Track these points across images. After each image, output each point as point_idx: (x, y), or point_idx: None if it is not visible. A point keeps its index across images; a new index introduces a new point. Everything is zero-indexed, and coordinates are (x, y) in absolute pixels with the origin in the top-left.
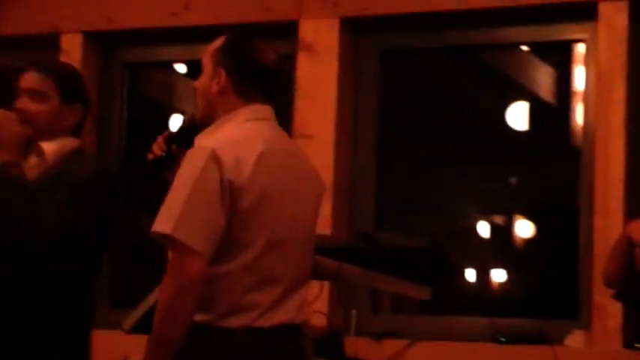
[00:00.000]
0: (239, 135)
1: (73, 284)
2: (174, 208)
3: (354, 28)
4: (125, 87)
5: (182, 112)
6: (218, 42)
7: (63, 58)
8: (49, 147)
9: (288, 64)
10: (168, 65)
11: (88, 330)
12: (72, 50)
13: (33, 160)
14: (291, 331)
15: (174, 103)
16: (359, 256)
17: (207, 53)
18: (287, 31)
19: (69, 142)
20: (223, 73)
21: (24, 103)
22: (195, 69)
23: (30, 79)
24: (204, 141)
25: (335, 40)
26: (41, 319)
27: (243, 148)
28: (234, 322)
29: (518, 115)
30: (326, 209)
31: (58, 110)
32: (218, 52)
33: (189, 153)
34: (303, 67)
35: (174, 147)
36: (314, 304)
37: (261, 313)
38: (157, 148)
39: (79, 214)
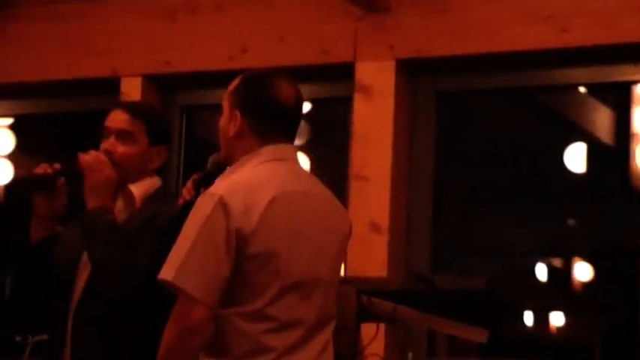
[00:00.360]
0: (252, 179)
1: (154, 327)
2: (178, 256)
3: (410, 70)
4: (183, 129)
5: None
6: (235, 82)
7: None
8: (136, 190)
9: (344, 106)
10: None
11: None
12: (131, 93)
13: (121, 203)
14: None
15: None
16: (415, 298)
17: (226, 94)
18: (344, 73)
19: (154, 183)
20: (238, 114)
21: (112, 144)
22: None
23: (119, 120)
24: (218, 185)
25: (391, 82)
26: None
27: (254, 193)
28: None
29: (576, 157)
30: (382, 251)
31: (146, 152)
32: (233, 93)
33: (199, 199)
34: (360, 109)
35: (202, 190)
36: (370, 346)
37: (277, 356)
38: (187, 192)
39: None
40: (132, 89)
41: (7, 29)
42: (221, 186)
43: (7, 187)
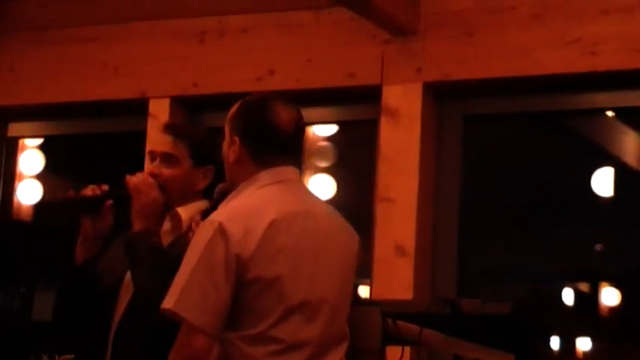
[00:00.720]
0: (252, 203)
1: None
2: (178, 284)
3: (437, 93)
4: None
5: None
6: (232, 109)
7: (151, 123)
8: (183, 212)
9: (371, 129)
10: None
11: None
12: (159, 114)
13: (168, 225)
14: None
15: None
16: (440, 321)
17: (226, 122)
18: (370, 96)
19: (200, 206)
20: (237, 140)
21: (157, 167)
22: None
23: (162, 143)
24: (219, 211)
25: (418, 105)
26: None
27: (253, 217)
28: None
29: (603, 181)
30: (408, 274)
31: (190, 174)
32: (232, 119)
33: (200, 226)
34: (386, 131)
35: None
36: None
37: None
38: (196, 226)
39: None
40: (160, 111)
41: (38, 51)
42: (221, 212)
43: (55, 206)
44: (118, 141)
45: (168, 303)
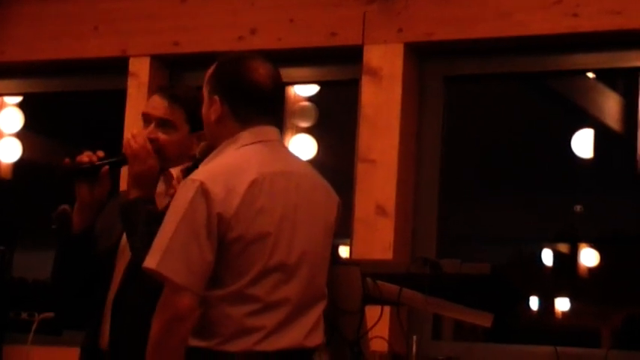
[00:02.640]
0: (233, 163)
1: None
2: (161, 243)
3: (418, 54)
4: None
5: None
6: (211, 69)
7: (131, 82)
8: (175, 172)
9: (352, 89)
10: None
11: None
12: (140, 73)
13: (161, 186)
14: (301, 355)
15: None
16: (420, 281)
17: (204, 83)
18: (352, 56)
19: (189, 165)
20: (217, 99)
21: (153, 132)
22: None
23: (159, 107)
24: (199, 170)
25: (399, 66)
26: None
27: (234, 176)
28: (236, 346)
29: (583, 143)
30: (388, 234)
31: (186, 139)
32: (211, 79)
33: (180, 185)
34: (367, 92)
35: None
36: (374, 329)
37: (264, 336)
38: (177, 183)
39: None
40: (140, 69)
41: (16, 9)
42: (201, 171)
43: (53, 175)
44: (98, 99)
45: (150, 263)
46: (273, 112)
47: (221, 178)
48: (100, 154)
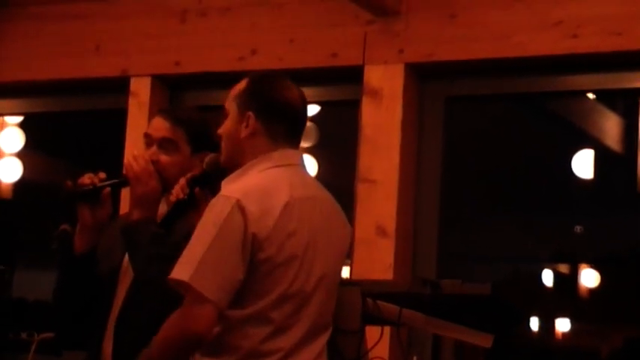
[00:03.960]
0: (266, 183)
1: None
2: (194, 256)
3: (419, 74)
4: None
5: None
6: (242, 84)
7: (132, 101)
8: (180, 181)
9: (352, 110)
10: None
11: None
12: (140, 93)
13: (163, 208)
14: None
15: None
16: (420, 302)
17: (231, 97)
18: (352, 76)
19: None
20: (252, 115)
21: (155, 153)
22: None
23: (161, 128)
24: (230, 188)
25: (400, 86)
26: None
27: (269, 198)
28: None
29: (584, 164)
30: (388, 254)
31: (188, 160)
32: (244, 95)
33: (214, 201)
34: (368, 112)
35: (196, 190)
36: (374, 349)
37: (280, 358)
38: (180, 190)
39: None
40: (141, 89)
41: (18, 27)
42: (234, 189)
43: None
44: (99, 119)
45: (182, 275)
46: (300, 134)
47: (255, 198)
48: (102, 175)
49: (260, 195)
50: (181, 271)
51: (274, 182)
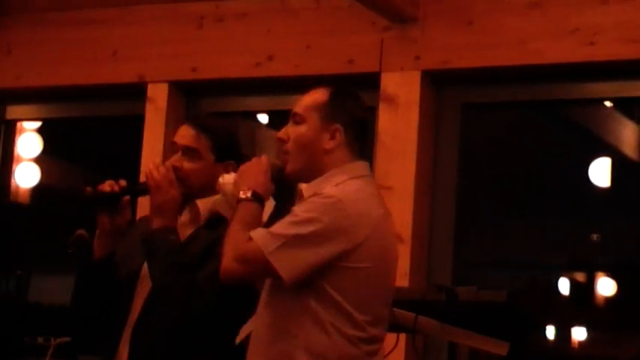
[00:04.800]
0: (356, 192)
1: (212, 347)
2: (283, 235)
3: (435, 81)
4: None
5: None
6: (322, 95)
7: (149, 107)
8: (202, 205)
9: (370, 116)
10: (250, 115)
11: None
12: (157, 99)
13: (187, 216)
14: None
15: (256, 153)
16: (436, 309)
17: (310, 106)
18: (369, 83)
19: (217, 200)
20: (340, 128)
21: (179, 160)
22: (278, 119)
23: (186, 136)
24: (331, 190)
25: (416, 93)
26: None
27: (365, 205)
28: None
29: (601, 171)
30: (404, 261)
31: (211, 168)
32: (328, 107)
33: (313, 198)
34: (385, 118)
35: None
36: (390, 356)
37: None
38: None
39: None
40: (158, 95)
41: (35, 34)
42: (335, 191)
43: (74, 204)
44: (116, 124)
45: (267, 247)
46: (366, 147)
47: (353, 203)
48: (123, 183)
49: (357, 202)
50: (267, 242)
51: (365, 193)
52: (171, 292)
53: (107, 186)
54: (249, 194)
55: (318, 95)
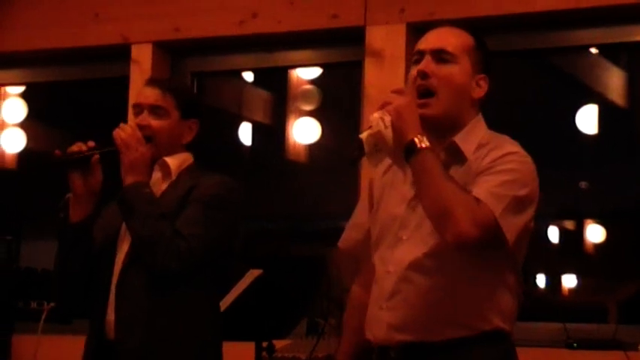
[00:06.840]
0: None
1: (197, 294)
2: (504, 195)
3: (420, 34)
4: None
5: (250, 121)
6: (469, 39)
7: (133, 69)
8: (172, 162)
9: (355, 71)
10: (236, 74)
11: (220, 343)
12: (142, 60)
13: (158, 174)
14: None
15: (242, 112)
16: None
17: (461, 47)
18: (354, 37)
19: (187, 158)
20: (486, 78)
21: (145, 119)
22: (263, 76)
23: (150, 95)
24: (513, 145)
25: (402, 46)
26: (180, 339)
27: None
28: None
29: (587, 119)
30: None
31: (178, 126)
32: (478, 54)
33: (514, 157)
34: (371, 73)
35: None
36: None
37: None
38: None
39: (218, 229)
40: (142, 56)
41: None
42: (518, 148)
43: (43, 166)
44: (101, 87)
45: (496, 208)
46: None
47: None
48: (91, 144)
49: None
50: (496, 204)
51: None
52: (152, 241)
53: (75, 147)
54: (427, 143)
55: (465, 38)
